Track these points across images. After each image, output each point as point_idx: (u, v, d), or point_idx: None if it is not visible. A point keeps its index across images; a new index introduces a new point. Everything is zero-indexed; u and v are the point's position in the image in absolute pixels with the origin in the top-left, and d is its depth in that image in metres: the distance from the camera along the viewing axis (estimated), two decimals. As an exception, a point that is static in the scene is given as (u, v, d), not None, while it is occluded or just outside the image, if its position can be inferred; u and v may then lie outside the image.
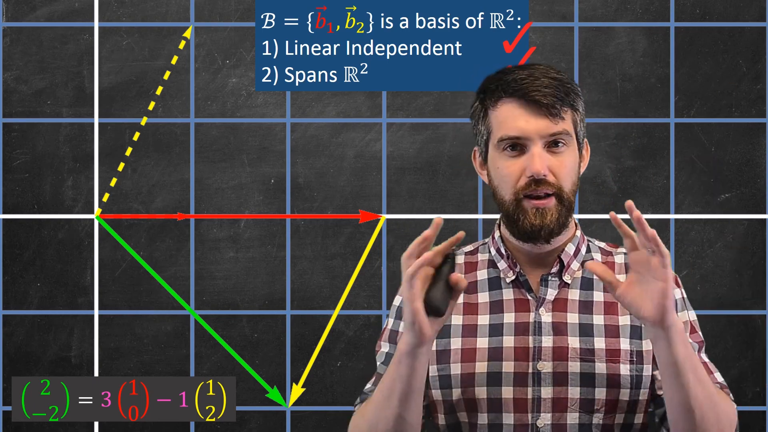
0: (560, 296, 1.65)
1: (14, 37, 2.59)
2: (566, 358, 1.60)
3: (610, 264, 1.69)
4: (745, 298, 2.58)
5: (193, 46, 2.60)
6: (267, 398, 2.57)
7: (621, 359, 1.60)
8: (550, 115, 1.58)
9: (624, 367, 1.60)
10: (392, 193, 2.59)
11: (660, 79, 2.58)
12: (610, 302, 1.65)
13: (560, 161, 1.59)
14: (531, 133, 1.58)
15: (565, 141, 1.60)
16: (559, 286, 1.65)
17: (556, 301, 1.64)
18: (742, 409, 2.56)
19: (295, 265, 2.59)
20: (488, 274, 1.69)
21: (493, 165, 1.63)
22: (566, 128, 1.60)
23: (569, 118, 1.61)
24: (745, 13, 2.58)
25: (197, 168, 2.59)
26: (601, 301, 1.65)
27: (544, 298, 1.64)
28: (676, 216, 2.58)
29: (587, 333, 1.61)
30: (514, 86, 1.59)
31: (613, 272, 1.64)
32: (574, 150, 1.62)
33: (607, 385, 1.60)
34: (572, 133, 1.61)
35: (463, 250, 1.76)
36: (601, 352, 1.60)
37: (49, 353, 2.58)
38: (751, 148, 2.58)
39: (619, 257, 1.70)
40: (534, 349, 1.61)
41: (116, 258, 2.58)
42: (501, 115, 1.61)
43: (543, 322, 1.63)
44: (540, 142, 1.58)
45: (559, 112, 1.58)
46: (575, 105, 1.62)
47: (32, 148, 2.59)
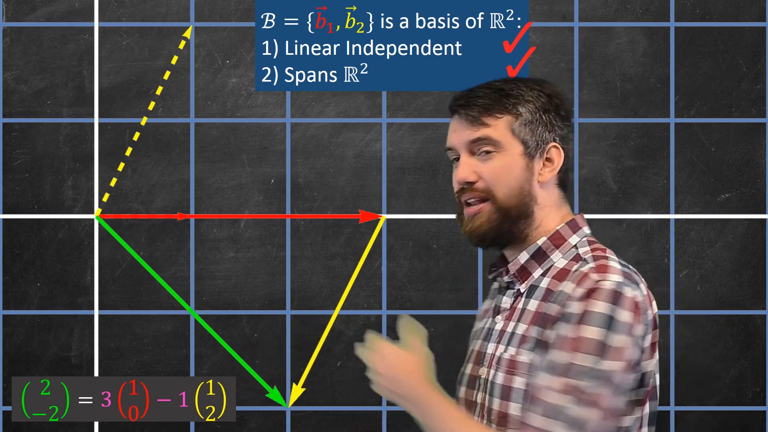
0: (515, 305, 1.63)
1: (14, 37, 2.59)
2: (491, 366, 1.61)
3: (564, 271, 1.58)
4: (745, 298, 2.58)
5: (193, 46, 2.60)
6: (267, 398, 2.57)
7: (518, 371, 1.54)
8: (468, 122, 1.61)
9: (519, 380, 1.54)
10: (392, 193, 2.59)
11: (660, 79, 2.58)
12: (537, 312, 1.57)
13: (488, 167, 1.60)
14: (455, 143, 1.63)
15: (492, 147, 1.60)
16: (515, 294, 1.64)
17: (510, 309, 1.64)
18: (743, 409, 2.57)
19: (295, 265, 2.59)
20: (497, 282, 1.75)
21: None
22: (489, 134, 1.60)
23: (502, 124, 1.60)
24: (745, 13, 2.58)
25: (197, 168, 2.59)
26: (532, 310, 1.58)
27: (500, 306, 1.66)
28: (676, 216, 2.58)
29: (507, 342, 1.59)
30: (452, 101, 1.65)
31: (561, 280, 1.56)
32: (512, 156, 1.60)
33: (501, 396, 1.56)
34: (502, 139, 1.60)
35: None
36: (504, 362, 1.57)
37: (49, 353, 2.58)
38: (751, 148, 2.58)
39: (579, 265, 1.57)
40: (483, 355, 1.64)
41: (116, 258, 2.58)
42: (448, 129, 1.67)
43: (494, 329, 1.65)
44: (465, 150, 1.62)
45: (478, 118, 1.60)
46: (515, 110, 1.60)
47: (32, 148, 2.59)
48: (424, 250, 2.58)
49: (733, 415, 2.56)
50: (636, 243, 2.56)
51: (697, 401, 2.55)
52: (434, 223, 2.59)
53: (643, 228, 2.57)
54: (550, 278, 1.60)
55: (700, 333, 2.57)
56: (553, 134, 1.64)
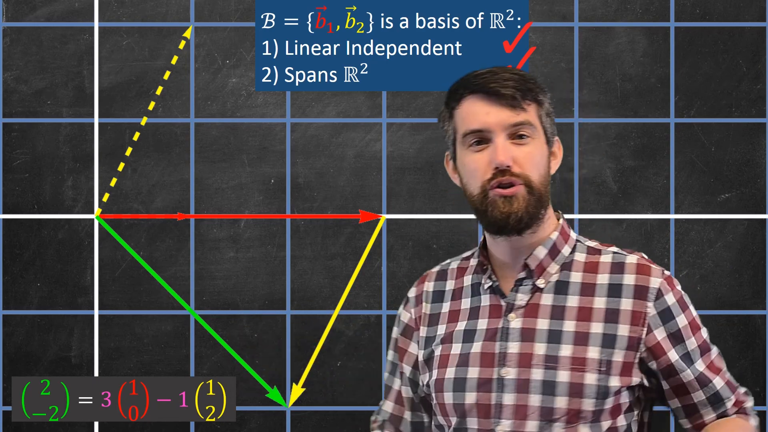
0: (533, 301, 1.62)
1: (14, 37, 2.59)
2: (530, 365, 1.58)
3: (592, 264, 1.65)
4: (745, 298, 2.58)
5: (193, 46, 2.60)
6: (267, 398, 2.58)
7: (587, 368, 1.57)
8: (511, 106, 1.58)
9: (590, 377, 1.57)
10: (392, 193, 2.59)
11: (660, 79, 2.58)
12: (583, 307, 1.61)
13: (525, 152, 1.58)
14: (492, 125, 1.58)
15: (529, 132, 1.59)
16: (532, 290, 1.63)
17: (528, 306, 1.62)
18: (742, 409, 2.56)
19: (295, 265, 2.59)
20: (472, 280, 1.69)
21: (461, 162, 1.63)
22: (529, 119, 1.59)
23: (533, 111, 1.60)
24: (745, 13, 2.58)
25: (197, 168, 2.59)
26: (575, 306, 1.61)
27: (513, 304, 1.63)
28: (676, 216, 2.58)
29: (555, 340, 1.59)
30: (474, 82, 1.60)
31: (596, 272, 1.63)
32: (541, 144, 1.61)
33: (570, 394, 1.56)
34: (537, 126, 1.61)
35: (462, 256, 1.76)
36: (566, 360, 1.57)
37: (49, 353, 2.58)
38: (751, 148, 2.58)
39: (607, 256, 1.65)
40: (499, 355, 1.60)
41: (116, 258, 2.58)
42: (464, 111, 1.61)
43: (511, 327, 1.61)
44: (503, 134, 1.58)
45: (520, 103, 1.58)
46: (539, 99, 1.62)
47: (32, 148, 2.59)
48: (424, 250, 2.58)
49: (733, 415, 2.56)
50: (636, 243, 2.56)
51: (697, 401, 2.55)
52: (434, 223, 2.59)
53: (643, 228, 2.57)
54: (579, 272, 1.63)
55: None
56: (554, 127, 1.66)
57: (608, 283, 1.62)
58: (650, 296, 1.60)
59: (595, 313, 1.60)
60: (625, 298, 1.60)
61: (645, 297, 1.60)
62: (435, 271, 1.77)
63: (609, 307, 1.60)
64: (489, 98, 1.58)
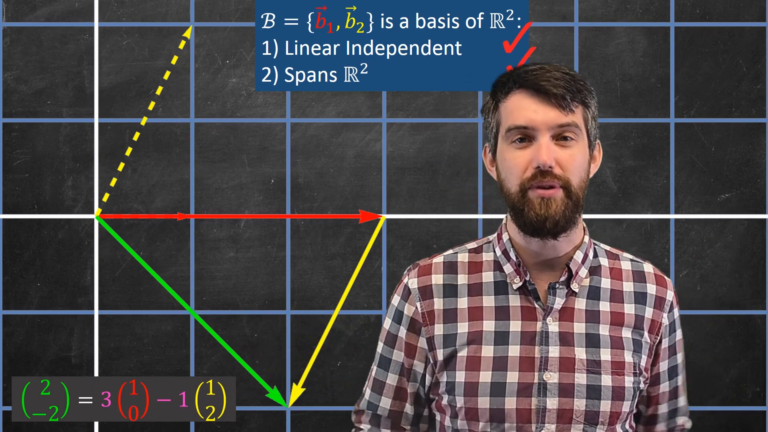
0: (567, 305, 1.62)
1: (14, 37, 2.59)
2: (573, 369, 1.58)
3: (617, 270, 1.67)
4: (745, 298, 2.58)
5: (193, 46, 2.60)
6: (267, 398, 2.58)
7: (625, 372, 1.60)
8: (560, 106, 1.55)
9: (628, 380, 1.60)
10: (392, 193, 2.59)
11: (660, 79, 2.58)
12: (615, 312, 1.64)
13: (569, 154, 1.56)
14: (539, 123, 1.55)
15: (574, 135, 1.57)
16: (567, 294, 1.63)
17: (563, 310, 1.62)
18: (743, 409, 2.57)
19: (295, 265, 2.59)
20: (494, 278, 1.66)
21: (501, 157, 1.60)
22: (576, 121, 1.57)
23: (580, 113, 1.58)
24: (745, 13, 2.58)
25: (197, 168, 2.59)
26: (608, 311, 1.63)
27: (551, 307, 1.61)
28: (676, 216, 2.58)
29: (594, 344, 1.60)
30: (525, 77, 1.57)
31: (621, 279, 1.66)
32: (584, 146, 1.59)
33: (612, 397, 1.59)
34: (582, 129, 1.58)
35: (467, 248, 1.72)
36: (607, 364, 1.59)
37: (49, 353, 2.58)
38: (751, 148, 2.58)
39: (626, 263, 1.69)
40: (541, 360, 1.59)
41: (116, 258, 2.58)
42: (511, 105, 1.58)
43: (550, 331, 1.60)
44: (548, 133, 1.55)
45: (569, 104, 1.55)
46: (587, 102, 1.59)
47: (32, 148, 2.59)
48: (424, 250, 2.57)
49: (733, 415, 2.56)
50: (636, 243, 2.56)
51: (697, 401, 2.55)
52: (434, 223, 2.59)
53: (643, 228, 2.57)
54: (608, 278, 1.66)
55: (700, 333, 2.57)
56: (597, 130, 1.65)
57: (633, 291, 1.66)
58: (666, 307, 1.68)
59: (626, 319, 1.64)
60: (648, 307, 1.66)
61: (662, 308, 1.67)
62: (438, 262, 1.70)
63: (637, 314, 1.65)
64: (538, 95, 1.56)
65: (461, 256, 1.70)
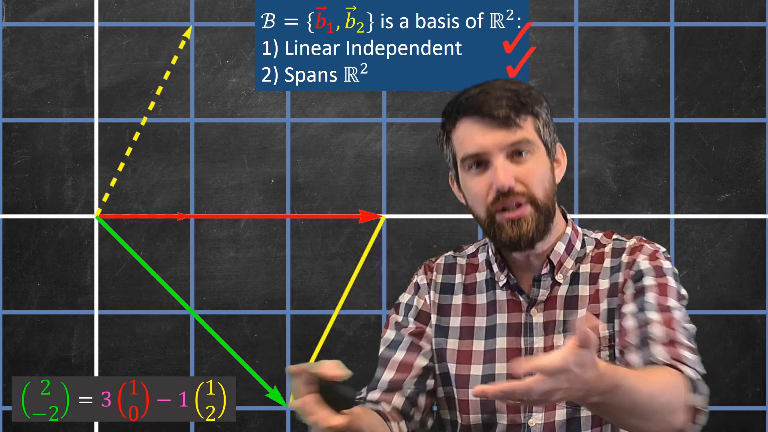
0: (551, 294, 1.65)
1: (14, 37, 2.59)
2: None
3: (599, 254, 1.68)
4: (745, 298, 2.58)
5: (193, 46, 2.59)
6: (267, 398, 2.57)
7: (601, 347, 1.60)
8: (506, 125, 1.57)
9: (603, 354, 1.60)
10: (392, 193, 2.59)
11: (660, 79, 2.58)
12: (592, 294, 1.64)
13: (527, 169, 1.58)
14: (490, 147, 1.57)
15: (528, 148, 1.59)
16: (551, 285, 1.65)
17: (548, 300, 1.65)
18: (743, 409, 2.57)
19: (295, 265, 2.59)
20: (486, 276, 1.71)
21: (464, 185, 1.64)
22: (526, 136, 1.58)
23: (530, 125, 1.60)
24: (745, 13, 2.58)
25: (197, 168, 2.59)
26: (586, 295, 1.64)
27: (535, 299, 1.65)
28: (676, 216, 2.58)
29: (570, 328, 1.61)
30: (466, 105, 1.59)
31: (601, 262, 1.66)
32: (542, 156, 1.61)
33: None
34: (535, 141, 1.60)
35: (465, 253, 1.76)
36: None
37: (49, 353, 2.58)
38: (751, 148, 2.58)
39: (609, 245, 1.69)
40: (525, 350, 1.62)
41: (116, 258, 2.58)
42: (460, 134, 1.61)
43: (534, 322, 1.64)
44: (501, 155, 1.57)
45: (515, 121, 1.57)
46: (535, 112, 1.61)
47: (32, 148, 2.59)
48: (424, 250, 2.57)
49: (733, 415, 2.56)
50: (636, 243, 2.56)
51: (697, 401, 2.55)
52: (434, 223, 2.59)
53: (643, 228, 2.57)
54: (588, 263, 1.66)
55: (700, 333, 2.56)
56: (555, 134, 1.67)
57: (610, 266, 1.65)
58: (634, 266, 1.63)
59: (600, 294, 1.63)
60: (620, 272, 1.64)
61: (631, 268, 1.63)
62: (441, 263, 1.76)
63: (611, 283, 1.64)
64: (483, 120, 1.57)
65: (461, 259, 1.76)
